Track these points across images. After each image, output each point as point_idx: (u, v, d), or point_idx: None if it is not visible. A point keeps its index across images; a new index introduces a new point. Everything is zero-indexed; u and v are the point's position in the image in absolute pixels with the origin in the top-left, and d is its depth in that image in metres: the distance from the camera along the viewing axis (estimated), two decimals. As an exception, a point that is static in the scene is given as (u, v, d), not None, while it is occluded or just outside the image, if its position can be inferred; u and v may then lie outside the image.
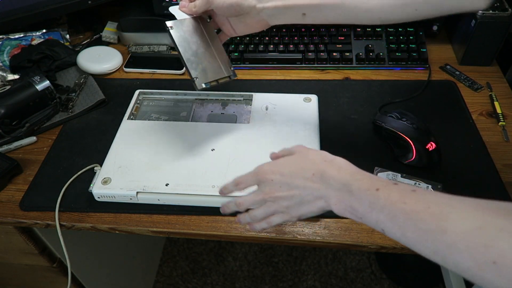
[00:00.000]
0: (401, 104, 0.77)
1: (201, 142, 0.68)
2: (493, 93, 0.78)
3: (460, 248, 0.30)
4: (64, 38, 0.94)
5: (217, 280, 1.42)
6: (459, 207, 0.32)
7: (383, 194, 0.36)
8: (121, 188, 0.61)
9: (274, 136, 0.69)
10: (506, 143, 0.70)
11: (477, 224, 0.30)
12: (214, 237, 0.61)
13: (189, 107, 0.76)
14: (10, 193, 0.66)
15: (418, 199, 0.34)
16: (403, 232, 0.34)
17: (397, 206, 0.35)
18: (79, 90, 0.82)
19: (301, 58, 0.86)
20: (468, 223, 0.31)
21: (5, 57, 0.87)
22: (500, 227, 0.29)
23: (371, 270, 1.43)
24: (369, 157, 0.68)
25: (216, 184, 0.61)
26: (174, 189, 0.61)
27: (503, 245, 0.29)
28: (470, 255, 0.30)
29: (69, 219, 0.62)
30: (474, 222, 0.31)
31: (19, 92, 0.74)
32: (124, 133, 0.70)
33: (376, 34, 0.88)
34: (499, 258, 0.28)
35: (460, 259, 0.31)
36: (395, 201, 0.35)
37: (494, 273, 0.29)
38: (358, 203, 0.38)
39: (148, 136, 0.69)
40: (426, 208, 0.33)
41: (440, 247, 0.32)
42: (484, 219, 0.30)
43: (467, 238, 0.30)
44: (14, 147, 0.72)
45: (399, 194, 0.35)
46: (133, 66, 0.89)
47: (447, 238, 0.31)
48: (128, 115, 0.74)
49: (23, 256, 0.78)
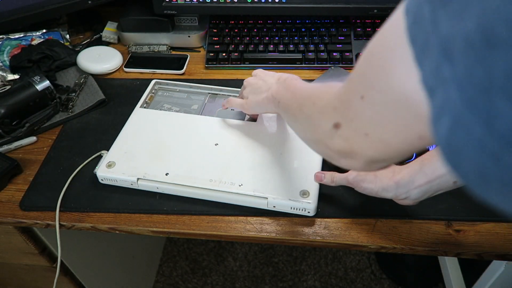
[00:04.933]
0: (401, 104, 0.77)
1: (206, 136, 0.68)
2: (493, 93, 0.78)
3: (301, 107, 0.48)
4: (64, 38, 0.94)
5: (217, 280, 1.42)
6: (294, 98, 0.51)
7: (289, 83, 0.56)
8: (123, 173, 0.63)
9: (279, 135, 0.68)
10: (506, 143, 0.70)
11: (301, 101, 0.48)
12: (214, 237, 0.61)
13: (201, 101, 0.77)
14: (10, 193, 0.66)
15: (303, 86, 0.51)
16: (289, 100, 0.52)
17: (292, 83, 0.55)
18: (79, 90, 0.82)
19: (301, 58, 0.86)
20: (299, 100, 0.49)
21: (5, 57, 0.87)
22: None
23: (371, 270, 1.43)
24: (369, 157, 0.68)
25: (214, 178, 0.62)
26: (173, 179, 0.62)
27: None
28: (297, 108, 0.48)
29: (69, 219, 0.62)
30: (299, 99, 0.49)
31: (19, 92, 0.74)
32: (134, 121, 0.72)
33: (376, 34, 0.88)
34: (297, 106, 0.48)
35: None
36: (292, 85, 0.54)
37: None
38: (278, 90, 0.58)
39: (157, 126, 0.70)
40: (300, 88, 0.51)
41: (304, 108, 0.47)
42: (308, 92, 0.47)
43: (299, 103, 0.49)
44: (14, 147, 0.72)
45: (296, 82, 0.55)
46: (133, 66, 0.89)
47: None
48: (142, 103, 0.75)
49: (23, 256, 0.78)
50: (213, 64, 0.88)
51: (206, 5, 0.87)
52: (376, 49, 0.31)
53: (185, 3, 0.88)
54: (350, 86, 0.35)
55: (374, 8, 0.85)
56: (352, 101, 0.34)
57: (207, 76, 0.87)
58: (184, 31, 0.93)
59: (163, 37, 0.93)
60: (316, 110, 0.42)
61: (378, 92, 0.31)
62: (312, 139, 0.45)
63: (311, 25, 0.91)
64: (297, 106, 0.48)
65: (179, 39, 0.93)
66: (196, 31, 0.93)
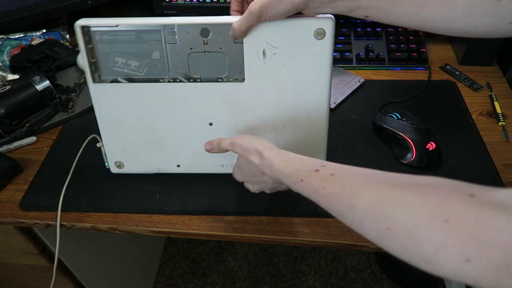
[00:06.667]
0: (401, 104, 0.77)
1: (196, 114, 0.60)
2: (493, 93, 0.78)
3: (365, 220, 0.35)
4: (64, 38, 0.94)
5: (217, 280, 1.42)
6: (365, 184, 0.37)
7: (307, 184, 0.41)
8: (137, 170, 0.66)
9: (276, 102, 0.58)
10: (506, 143, 0.70)
11: (377, 197, 0.34)
12: (214, 237, 0.61)
13: (159, 43, 0.55)
14: (10, 193, 0.66)
15: (335, 182, 0.39)
16: (328, 212, 0.39)
17: (318, 192, 0.40)
18: (79, 90, 0.82)
19: (301, 58, 0.86)
20: (371, 198, 0.35)
21: (5, 57, 0.87)
22: (395, 197, 0.33)
23: (371, 270, 1.43)
24: (369, 157, 0.68)
25: (224, 163, 0.63)
26: (186, 169, 0.64)
27: (396, 213, 0.32)
28: (373, 225, 0.34)
29: (69, 219, 0.62)
30: (375, 195, 0.34)
31: (19, 92, 0.74)
32: (101, 106, 0.60)
33: (376, 34, 0.88)
34: (393, 225, 0.32)
35: (367, 230, 0.35)
36: (316, 188, 0.40)
37: (390, 238, 0.32)
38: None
39: (132, 108, 0.60)
40: (341, 189, 0.38)
41: (353, 222, 0.36)
42: (383, 191, 0.34)
43: (369, 211, 0.34)
44: (14, 147, 0.72)
45: (319, 180, 0.40)
46: (133, 66, 0.89)
47: (356, 214, 0.35)
48: (90, 72, 0.57)
49: (23, 256, 0.78)
50: (213, 64, 0.87)
51: (206, 5, 0.87)
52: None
53: (185, 3, 0.88)
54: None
55: (374, 8, 0.85)
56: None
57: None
58: (184, 31, 0.93)
59: (163, 37, 0.93)
60: (392, 239, 0.33)
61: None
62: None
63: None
64: (351, 225, 0.37)
65: (179, 39, 0.93)
66: (196, 31, 0.93)
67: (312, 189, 0.40)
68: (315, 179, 0.40)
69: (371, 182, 0.36)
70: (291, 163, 0.45)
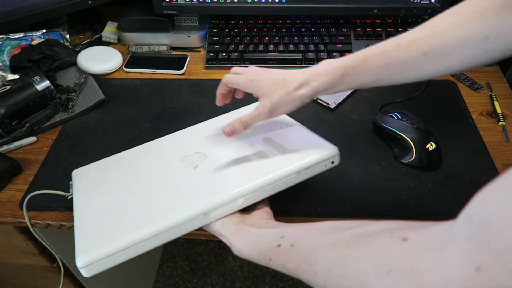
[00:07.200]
0: (401, 104, 0.77)
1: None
2: (493, 93, 0.78)
3: (328, 284, 0.36)
4: (64, 38, 0.94)
5: (217, 280, 1.42)
6: (322, 248, 0.39)
7: (275, 262, 0.44)
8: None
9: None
10: (506, 143, 0.70)
11: (333, 258, 0.36)
12: (214, 237, 0.61)
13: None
14: (10, 193, 0.66)
15: (297, 252, 0.41)
16: (299, 278, 0.41)
17: (285, 266, 0.42)
18: (79, 90, 0.82)
19: (301, 58, 0.86)
20: (328, 261, 0.37)
21: (5, 57, 0.87)
22: (347, 256, 0.35)
23: (371, 270, 1.43)
24: (369, 157, 0.68)
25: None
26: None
27: (351, 272, 0.34)
28: (335, 286, 0.36)
29: (69, 219, 0.62)
30: (332, 257, 0.37)
31: (19, 92, 0.74)
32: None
33: (376, 34, 0.88)
34: (350, 284, 0.34)
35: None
36: (283, 263, 0.43)
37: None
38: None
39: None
40: (302, 259, 0.40)
41: (318, 286, 0.38)
42: (338, 252, 0.36)
43: (328, 275, 0.36)
44: (14, 147, 0.72)
45: (284, 255, 0.43)
46: (133, 66, 0.89)
47: (319, 279, 0.37)
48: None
49: (23, 256, 0.78)
50: (213, 64, 0.88)
51: (206, 5, 0.88)
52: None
53: (185, 3, 0.88)
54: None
55: (374, 8, 0.85)
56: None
57: (207, 76, 0.87)
58: (184, 31, 0.94)
59: (163, 37, 0.93)
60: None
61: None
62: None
63: (311, 25, 0.91)
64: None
65: (179, 39, 0.93)
66: (196, 31, 0.93)
67: (280, 265, 0.43)
68: (280, 255, 0.43)
69: (327, 244, 0.39)
70: (256, 245, 0.49)
